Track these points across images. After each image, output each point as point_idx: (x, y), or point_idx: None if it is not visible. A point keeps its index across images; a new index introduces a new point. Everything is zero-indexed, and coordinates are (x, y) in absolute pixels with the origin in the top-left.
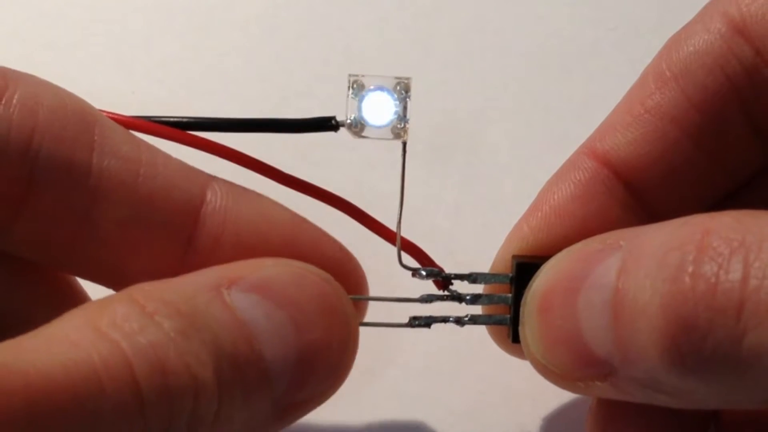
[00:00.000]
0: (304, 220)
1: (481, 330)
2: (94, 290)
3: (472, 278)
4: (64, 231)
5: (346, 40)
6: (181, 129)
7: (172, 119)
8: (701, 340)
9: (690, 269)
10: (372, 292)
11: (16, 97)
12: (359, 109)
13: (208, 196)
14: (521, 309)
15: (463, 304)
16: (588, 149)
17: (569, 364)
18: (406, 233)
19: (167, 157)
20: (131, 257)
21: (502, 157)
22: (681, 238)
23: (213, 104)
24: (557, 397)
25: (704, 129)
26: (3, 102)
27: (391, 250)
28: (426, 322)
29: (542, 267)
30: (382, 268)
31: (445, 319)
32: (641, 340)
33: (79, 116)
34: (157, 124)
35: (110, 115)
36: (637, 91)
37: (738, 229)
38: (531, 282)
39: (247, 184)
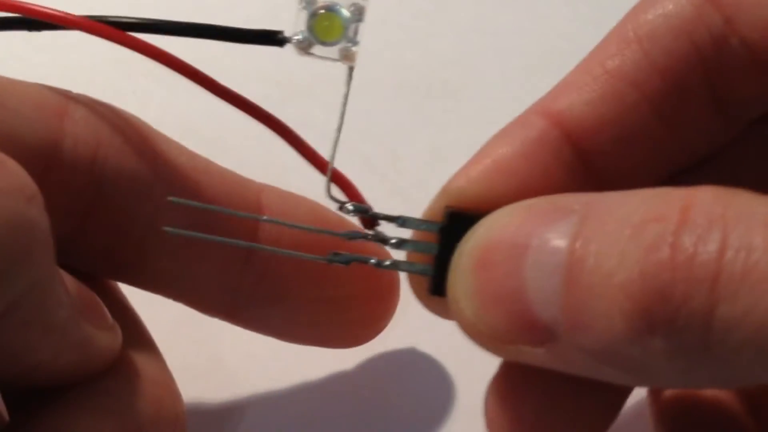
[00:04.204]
0: (354, 226)
1: None
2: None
3: (401, 221)
4: (130, 241)
5: None
6: (122, 29)
7: (112, 19)
8: (675, 310)
9: (670, 240)
10: None
11: (78, 114)
12: (308, 24)
13: (263, 201)
14: (454, 261)
15: (388, 247)
16: (540, 107)
17: (504, 325)
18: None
19: (221, 167)
20: (195, 265)
21: None
22: (660, 210)
23: (213, 104)
24: None
25: (665, 95)
26: (67, 119)
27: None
28: (346, 259)
29: (483, 220)
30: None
31: (365, 260)
32: (601, 308)
33: (137, 131)
34: (98, 23)
35: (50, 10)
36: (599, 51)
37: (718, 203)
38: (469, 235)
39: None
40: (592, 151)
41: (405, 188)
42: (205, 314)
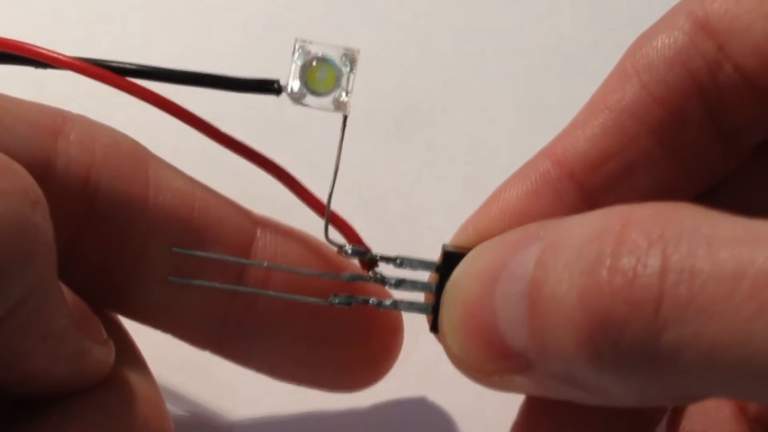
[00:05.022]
0: (348, 262)
1: None
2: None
3: (399, 262)
4: (120, 266)
5: (346, 40)
6: (121, 74)
7: (113, 64)
8: (618, 334)
9: (607, 262)
10: None
11: (72, 134)
12: (302, 75)
13: (258, 233)
14: (442, 299)
15: (388, 287)
16: (548, 149)
17: (484, 356)
18: (406, 232)
19: (218, 194)
20: (183, 293)
21: (503, 157)
22: (600, 229)
23: (212, 104)
24: None
25: (666, 125)
26: (61, 138)
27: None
28: (347, 301)
29: (465, 257)
30: None
31: (365, 301)
32: (557, 333)
33: (133, 154)
34: (97, 67)
35: (48, 53)
36: (601, 89)
37: (658, 221)
38: (453, 272)
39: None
40: (597, 186)
41: (406, 193)
42: (193, 346)
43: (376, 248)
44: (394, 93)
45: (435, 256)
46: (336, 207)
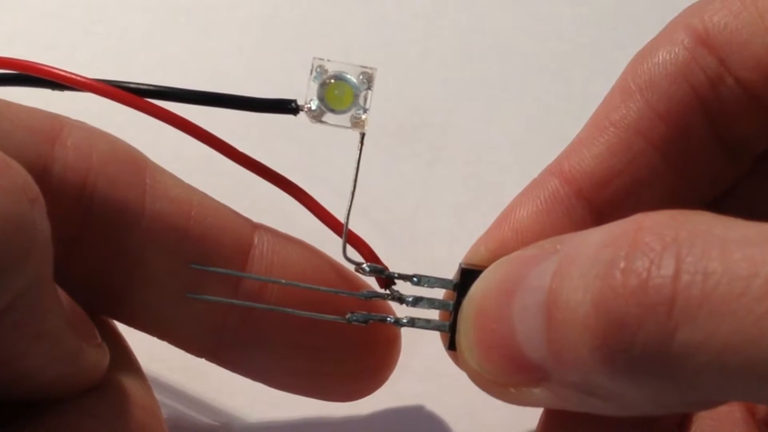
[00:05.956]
0: (347, 270)
1: None
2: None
3: (416, 280)
4: (117, 273)
5: (346, 40)
6: (139, 95)
7: (131, 85)
8: (631, 337)
9: (622, 265)
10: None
11: (70, 140)
12: (320, 94)
13: (255, 240)
14: (459, 316)
15: (405, 305)
16: (554, 167)
17: (502, 370)
18: (407, 235)
19: (216, 201)
20: (180, 302)
21: (503, 157)
22: (615, 236)
23: (210, 110)
24: None
25: (670, 140)
26: (58, 144)
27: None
28: (364, 318)
29: (482, 273)
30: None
31: (383, 319)
32: (573, 341)
33: (130, 161)
34: (114, 87)
35: (61, 72)
36: (604, 106)
37: (672, 226)
38: (470, 288)
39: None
40: (605, 203)
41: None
42: (189, 353)
43: (377, 249)
44: (394, 93)
45: (436, 256)
46: (337, 209)
